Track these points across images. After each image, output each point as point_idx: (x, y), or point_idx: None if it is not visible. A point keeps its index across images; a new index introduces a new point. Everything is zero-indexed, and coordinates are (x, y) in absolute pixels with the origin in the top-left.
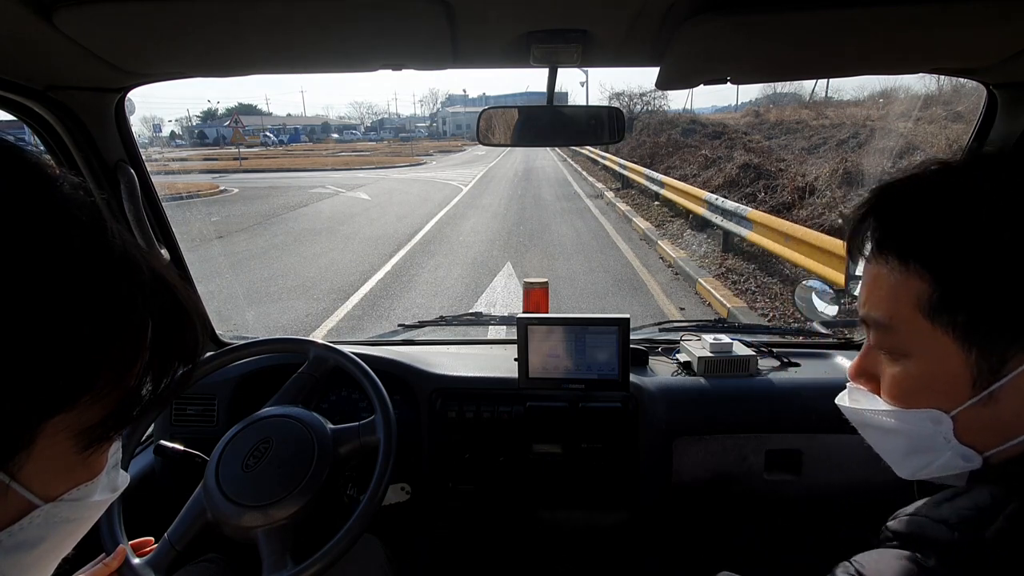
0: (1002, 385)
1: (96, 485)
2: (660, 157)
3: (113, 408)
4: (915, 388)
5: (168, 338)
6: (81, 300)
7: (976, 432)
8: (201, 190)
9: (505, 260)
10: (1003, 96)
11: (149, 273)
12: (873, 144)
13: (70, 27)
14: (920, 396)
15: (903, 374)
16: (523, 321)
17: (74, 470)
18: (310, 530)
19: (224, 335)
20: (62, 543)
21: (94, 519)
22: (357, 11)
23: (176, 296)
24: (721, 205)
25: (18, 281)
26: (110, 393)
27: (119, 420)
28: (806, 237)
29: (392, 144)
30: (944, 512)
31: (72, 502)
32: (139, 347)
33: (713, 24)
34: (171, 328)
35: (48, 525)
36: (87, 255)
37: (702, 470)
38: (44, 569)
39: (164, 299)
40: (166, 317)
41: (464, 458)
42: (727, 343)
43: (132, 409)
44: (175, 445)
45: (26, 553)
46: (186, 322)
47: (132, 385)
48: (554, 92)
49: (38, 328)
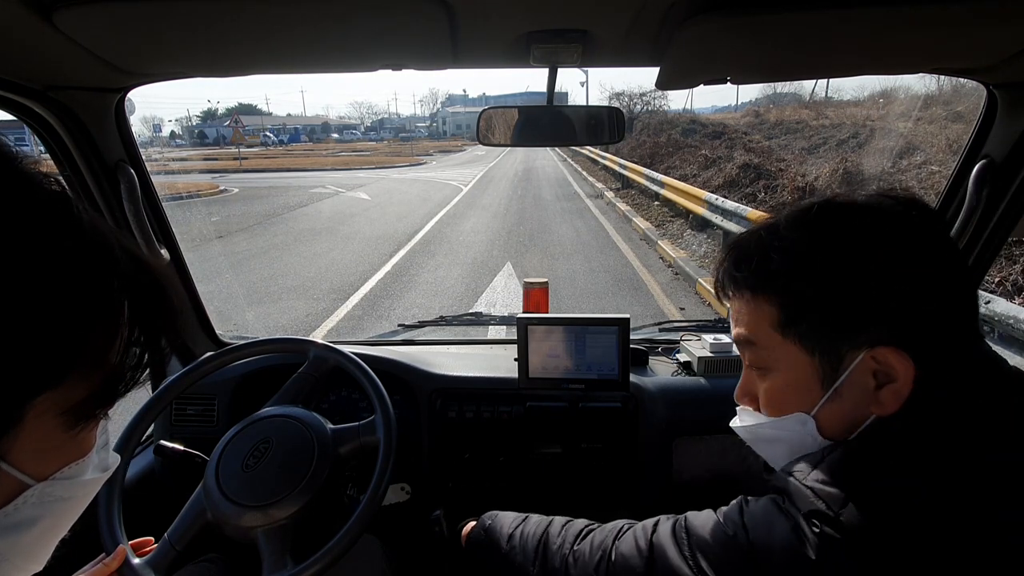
0: (843, 381)
1: (87, 463)
2: (660, 157)
3: (98, 385)
4: (781, 397)
5: (146, 313)
6: (56, 275)
7: (834, 426)
8: (201, 190)
9: (505, 260)
10: (1003, 96)
11: (120, 248)
12: (873, 144)
13: (70, 27)
14: (787, 403)
15: (771, 387)
16: (523, 321)
17: (64, 448)
18: (310, 530)
19: (224, 335)
20: (58, 523)
21: (88, 498)
22: (357, 11)
23: (150, 271)
24: (721, 205)
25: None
26: (94, 370)
27: (105, 397)
28: None
29: (392, 144)
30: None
31: (65, 480)
32: (118, 322)
33: (713, 24)
34: (148, 303)
35: (43, 504)
36: (55, 229)
37: (702, 470)
38: (42, 549)
39: (139, 274)
40: (142, 292)
41: (464, 458)
42: (727, 343)
43: (117, 385)
44: (175, 445)
45: (23, 533)
46: (163, 297)
47: (115, 361)
48: (554, 92)
49: (14, 305)
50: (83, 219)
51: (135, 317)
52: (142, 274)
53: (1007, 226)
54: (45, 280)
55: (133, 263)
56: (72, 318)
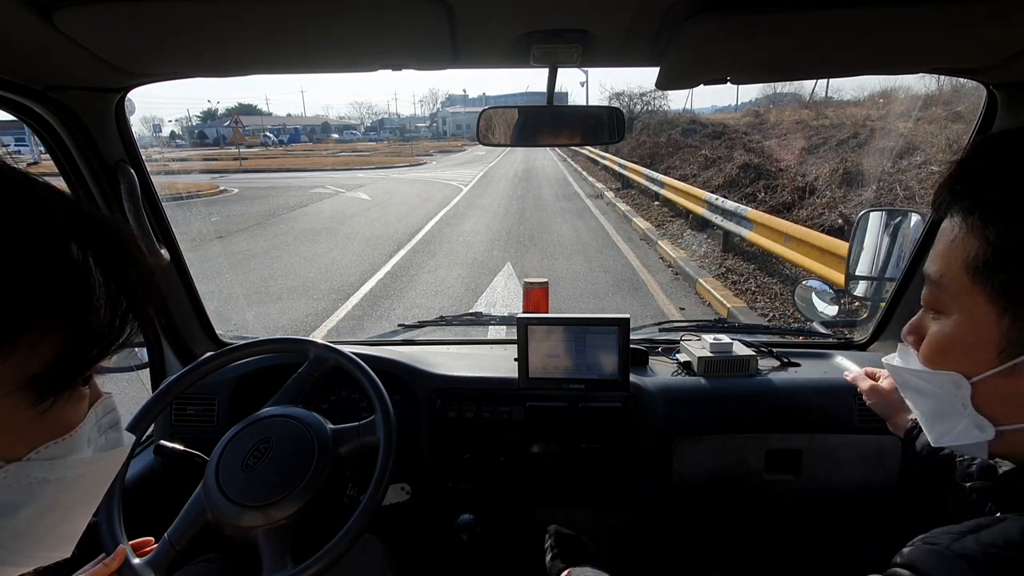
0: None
1: (74, 443)
2: (660, 157)
3: (55, 354)
4: (944, 348)
5: (107, 274)
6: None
7: (995, 403)
8: (201, 190)
9: (505, 260)
10: (1003, 96)
11: (65, 207)
12: (873, 144)
13: (70, 27)
14: (947, 357)
15: (938, 333)
16: (523, 321)
17: (34, 426)
18: (310, 530)
19: (224, 335)
20: (57, 506)
21: (97, 479)
22: (357, 11)
23: (107, 229)
24: (721, 205)
25: None
26: (43, 337)
27: (69, 367)
28: (806, 237)
29: (392, 144)
30: (968, 545)
31: (45, 461)
32: (63, 284)
33: (713, 24)
34: (108, 264)
35: (22, 487)
36: None
37: (702, 470)
38: (53, 534)
39: (92, 234)
40: (98, 252)
41: (464, 458)
42: (727, 343)
43: (85, 354)
44: (175, 445)
45: (9, 517)
46: (126, 257)
47: (75, 328)
48: (554, 92)
49: None
50: (10, 178)
51: (99, 279)
52: (95, 232)
53: None
54: None
55: (86, 221)
56: (5, 280)
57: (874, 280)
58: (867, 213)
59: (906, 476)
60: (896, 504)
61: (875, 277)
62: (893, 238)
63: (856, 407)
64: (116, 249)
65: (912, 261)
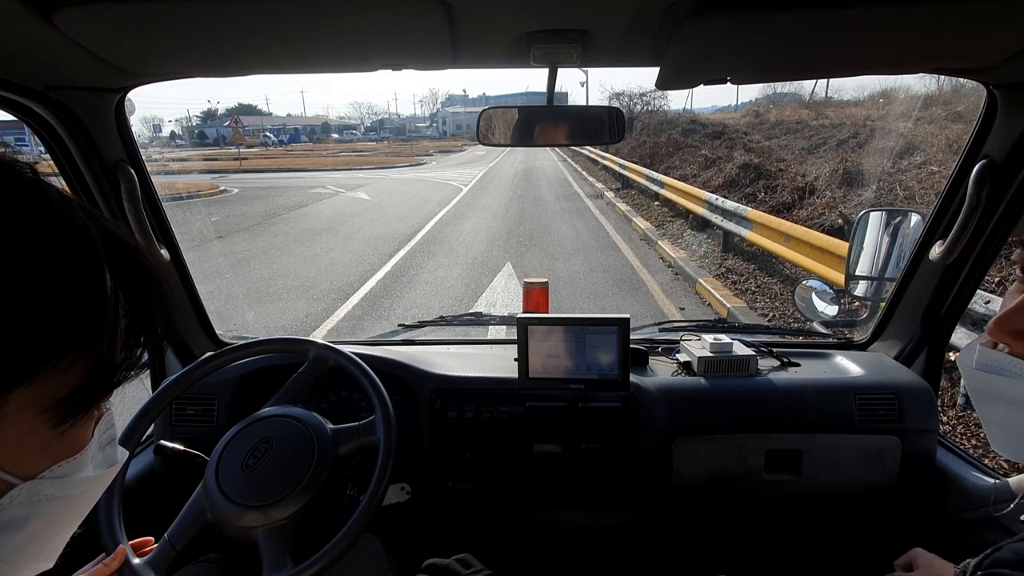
0: None
1: (82, 461)
2: (660, 157)
3: (81, 380)
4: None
5: (132, 303)
6: (17, 263)
7: None
8: (201, 190)
9: (505, 260)
10: (1003, 96)
11: (100, 232)
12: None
13: (70, 27)
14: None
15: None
16: (523, 321)
17: (51, 446)
18: (310, 530)
19: (224, 335)
20: (56, 521)
21: (93, 495)
22: (357, 11)
23: (136, 257)
24: (721, 205)
25: None
26: (74, 364)
27: (91, 392)
28: (806, 237)
29: (392, 144)
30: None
31: (56, 479)
32: (99, 313)
33: (713, 24)
34: (134, 292)
35: (32, 504)
36: (19, 211)
37: (702, 470)
38: (44, 548)
39: (121, 261)
40: (126, 280)
41: (464, 458)
42: (727, 343)
43: (107, 380)
44: (175, 445)
45: (14, 533)
46: (149, 284)
47: (101, 355)
48: (554, 92)
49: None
50: (52, 200)
51: (124, 306)
52: (125, 259)
53: (1007, 226)
54: (6, 266)
55: (118, 249)
56: (40, 306)
57: (874, 280)
58: (867, 213)
59: (906, 476)
60: (896, 504)
61: (875, 277)
62: (893, 238)
63: (856, 407)
64: (142, 277)
65: (912, 261)
